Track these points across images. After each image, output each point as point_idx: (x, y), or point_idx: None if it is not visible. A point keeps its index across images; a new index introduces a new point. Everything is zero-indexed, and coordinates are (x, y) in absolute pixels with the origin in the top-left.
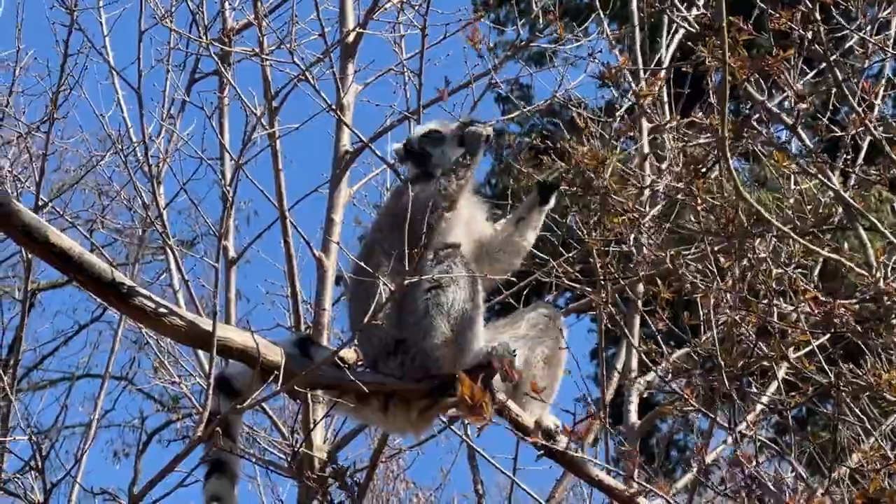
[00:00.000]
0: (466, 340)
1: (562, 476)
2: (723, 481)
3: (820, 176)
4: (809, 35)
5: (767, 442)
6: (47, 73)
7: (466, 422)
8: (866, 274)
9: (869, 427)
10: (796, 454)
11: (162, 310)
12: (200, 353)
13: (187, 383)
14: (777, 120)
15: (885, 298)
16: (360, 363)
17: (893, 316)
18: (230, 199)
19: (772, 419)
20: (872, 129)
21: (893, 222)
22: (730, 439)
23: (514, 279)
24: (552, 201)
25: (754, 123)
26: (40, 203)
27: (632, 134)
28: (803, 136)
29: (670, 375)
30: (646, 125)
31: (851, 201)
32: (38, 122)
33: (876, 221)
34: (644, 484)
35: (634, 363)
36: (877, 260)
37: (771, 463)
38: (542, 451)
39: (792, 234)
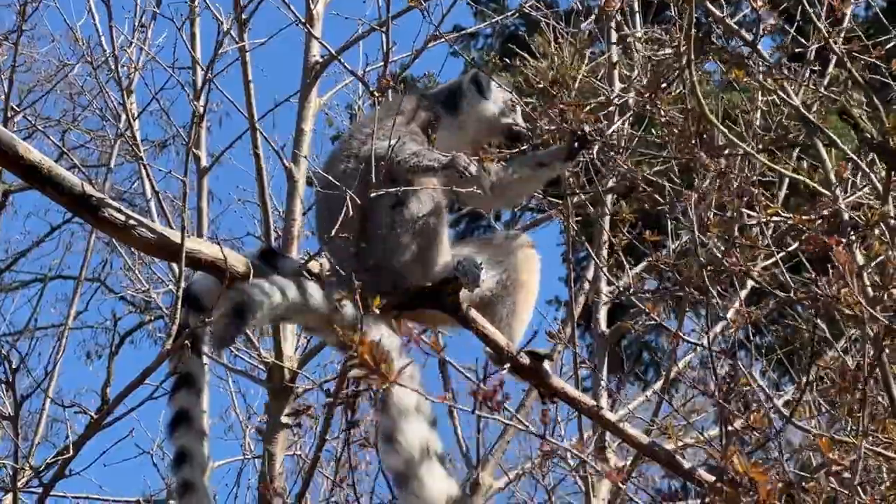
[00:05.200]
0: (432, 255)
1: (531, 385)
2: (693, 384)
3: (779, 92)
4: None
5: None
6: None
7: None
8: (825, 191)
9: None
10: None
11: (131, 222)
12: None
13: (157, 291)
14: (737, 35)
15: (846, 215)
16: (328, 274)
17: (851, 231)
18: (200, 112)
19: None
20: (836, 47)
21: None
22: (698, 348)
23: None
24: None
25: (714, 39)
26: (9, 115)
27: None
28: (763, 52)
29: (632, 289)
30: (614, 34)
31: (810, 116)
32: (6, 31)
33: (834, 137)
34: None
35: (603, 274)
36: (837, 175)
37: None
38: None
39: (751, 150)
